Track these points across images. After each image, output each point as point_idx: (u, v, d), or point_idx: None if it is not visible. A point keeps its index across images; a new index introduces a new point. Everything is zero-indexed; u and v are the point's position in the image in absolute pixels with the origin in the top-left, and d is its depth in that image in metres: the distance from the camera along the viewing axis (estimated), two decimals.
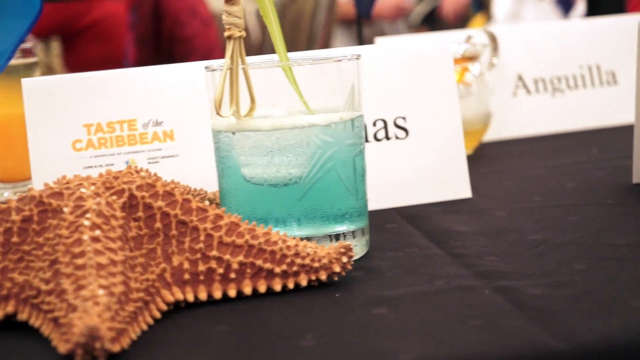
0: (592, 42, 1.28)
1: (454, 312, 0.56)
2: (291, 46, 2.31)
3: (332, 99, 0.69)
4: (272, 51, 0.72)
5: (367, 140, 0.87)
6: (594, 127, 1.24)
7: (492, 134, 1.20)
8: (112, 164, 0.82)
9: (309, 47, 2.17)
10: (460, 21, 3.99)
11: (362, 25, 1.38)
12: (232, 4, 0.68)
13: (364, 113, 0.79)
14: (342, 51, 0.76)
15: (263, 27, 2.50)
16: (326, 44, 2.22)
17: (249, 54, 0.70)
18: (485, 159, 1.09)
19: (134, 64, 2.50)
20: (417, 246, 0.72)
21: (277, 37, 0.70)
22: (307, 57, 0.74)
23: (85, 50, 2.52)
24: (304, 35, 2.21)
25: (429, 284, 0.62)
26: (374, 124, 0.87)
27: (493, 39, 1.23)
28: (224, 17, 0.68)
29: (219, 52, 2.36)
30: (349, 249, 0.63)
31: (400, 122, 0.88)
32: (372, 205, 0.83)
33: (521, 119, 1.24)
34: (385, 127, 0.87)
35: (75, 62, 2.48)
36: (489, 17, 3.48)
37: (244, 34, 0.69)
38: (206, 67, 0.70)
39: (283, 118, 0.68)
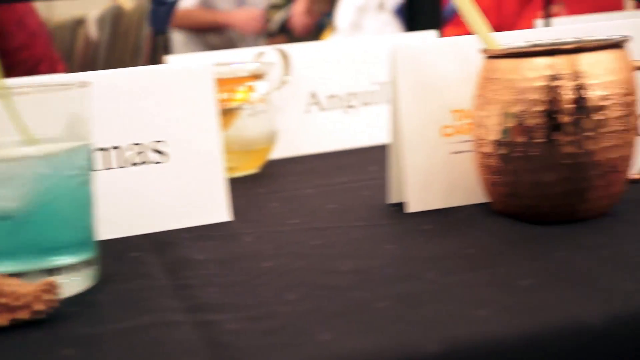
0: (384, 58, 1.30)
1: (143, 351, 0.55)
2: (120, 58, 2.27)
3: (55, 128, 0.67)
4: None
5: (122, 166, 0.85)
6: (384, 143, 1.25)
7: (283, 152, 1.20)
8: None
9: (134, 58, 2.14)
10: (313, 32, 4.00)
11: (159, 41, 1.36)
12: None
13: (96, 141, 0.77)
14: (70, 78, 0.74)
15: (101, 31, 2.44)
16: (152, 56, 2.18)
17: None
18: (267, 178, 1.09)
19: None
20: (149, 277, 0.70)
21: None
22: (30, 84, 0.72)
23: None
24: (130, 47, 2.18)
25: (136, 320, 0.60)
26: (130, 149, 0.85)
27: (284, 56, 1.23)
28: None
29: (46, 64, 2.29)
30: (53, 285, 0.61)
31: (158, 146, 0.86)
32: (125, 232, 0.82)
33: (313, 135, 1.25)
34: (143, 151, 0.86)
35: None
36: (332, 28, 3.51)
37: None
38: None
39: None
